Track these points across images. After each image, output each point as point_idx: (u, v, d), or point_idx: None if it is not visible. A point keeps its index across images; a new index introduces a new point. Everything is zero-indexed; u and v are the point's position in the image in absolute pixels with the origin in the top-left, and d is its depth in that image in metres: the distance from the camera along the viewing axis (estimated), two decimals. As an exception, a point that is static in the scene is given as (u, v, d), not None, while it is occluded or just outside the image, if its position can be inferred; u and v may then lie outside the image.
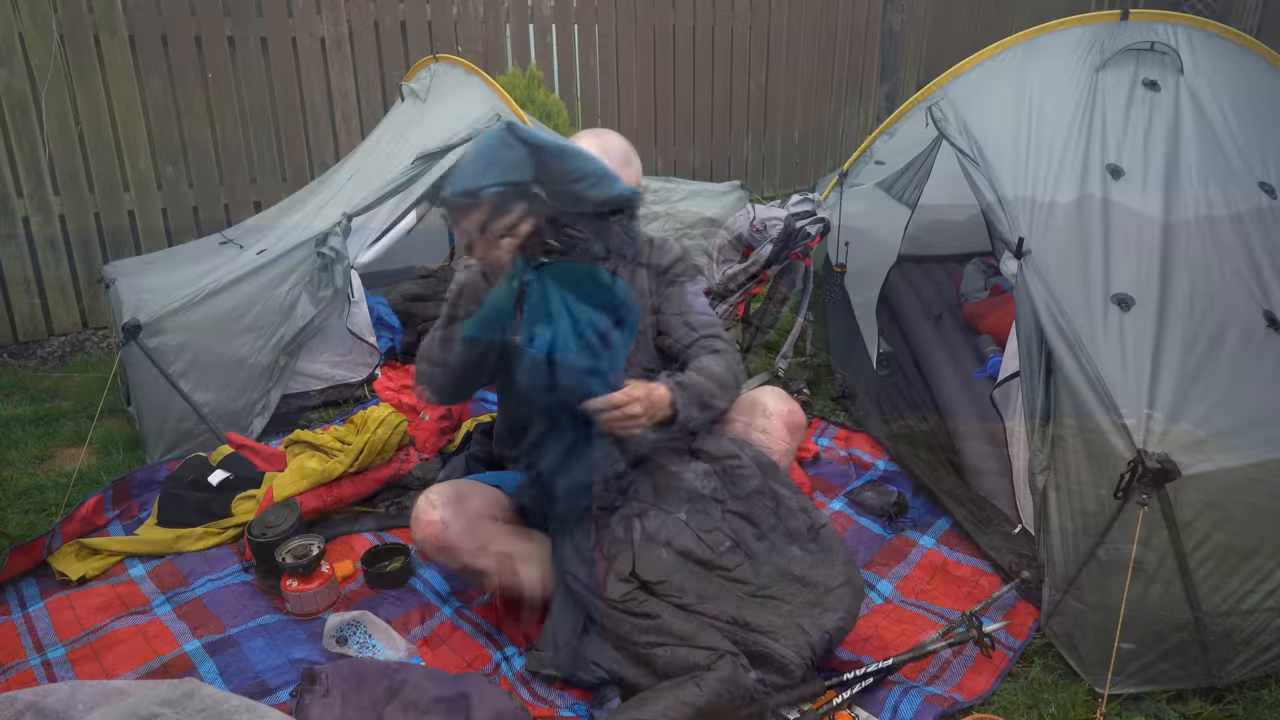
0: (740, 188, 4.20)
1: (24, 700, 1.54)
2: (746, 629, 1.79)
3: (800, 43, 6.25)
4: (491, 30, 5.06)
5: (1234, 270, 2.15)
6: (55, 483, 2.83)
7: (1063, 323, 2.06)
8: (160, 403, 2.87)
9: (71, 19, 3.93)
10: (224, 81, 4.35)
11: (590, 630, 1.91)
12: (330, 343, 3.27)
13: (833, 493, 2.72)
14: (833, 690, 1.84)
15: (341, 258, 3.11)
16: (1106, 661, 1.82)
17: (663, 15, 5.61)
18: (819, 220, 3.24)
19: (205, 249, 3.57)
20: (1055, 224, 2.28)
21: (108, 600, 2.22)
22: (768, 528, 1.94)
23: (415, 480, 2.63)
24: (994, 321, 3.35)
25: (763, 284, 3.28)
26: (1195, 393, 1.89)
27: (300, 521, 2.31)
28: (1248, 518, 1.78)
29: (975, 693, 1.89)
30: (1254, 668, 1.86)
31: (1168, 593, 1.79)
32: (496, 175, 1.64)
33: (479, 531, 1.94)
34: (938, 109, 2.79)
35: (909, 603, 2.20)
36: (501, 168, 1.64)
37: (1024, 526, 2.35)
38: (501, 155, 1.64)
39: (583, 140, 2.04)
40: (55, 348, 4.13)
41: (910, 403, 3.20)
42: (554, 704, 1.86)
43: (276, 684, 1.90)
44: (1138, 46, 2.56)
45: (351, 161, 3.68)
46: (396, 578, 2.28)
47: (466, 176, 1.66)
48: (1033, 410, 2.13)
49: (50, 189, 4.06)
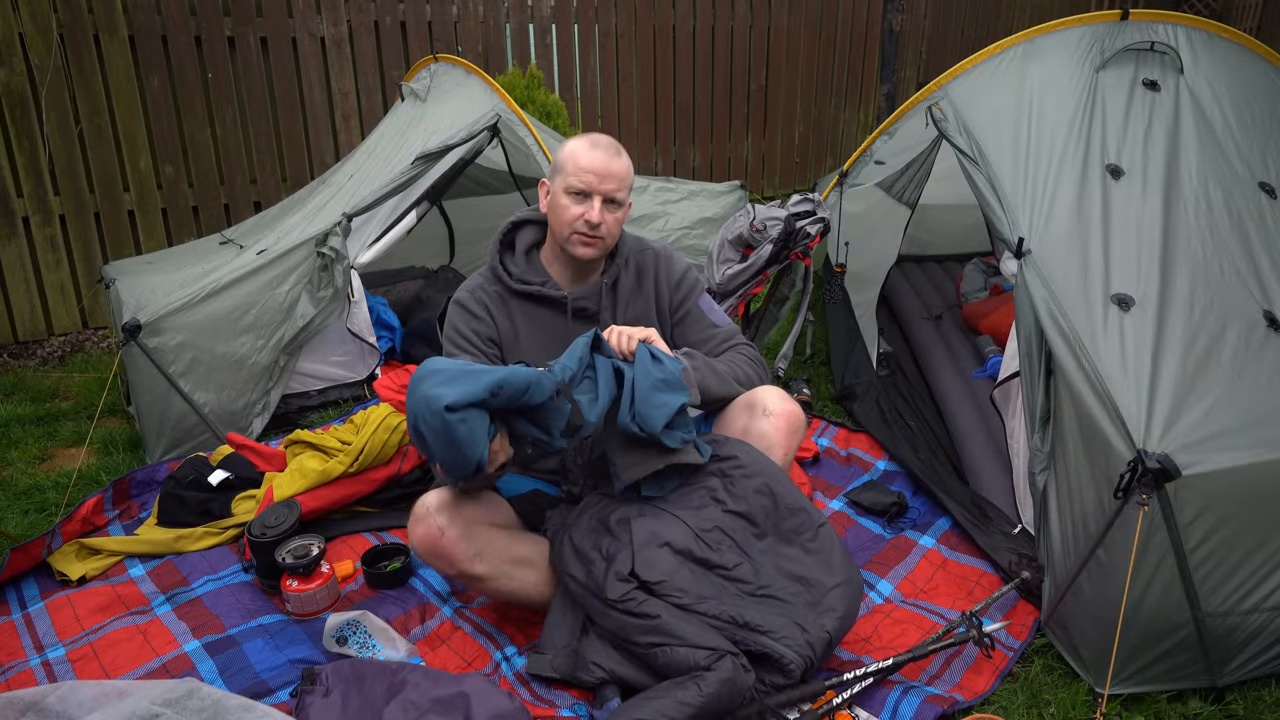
0: (740, 188, 4.20)
1: (24, 700, 1.54)
2: (746, 629, 1.79)
3: (800, 43, 6.25)
4: (491, 30, 5.06)
5: (1234, 270, 2.15)
6: (55, 483, 2.84)
7: (1063, 323, 2.06)
8: (160, 403, 2.87)
9: (71, 19, 3.93)
10: (224, 81, 4.36)
11: (590, 630, 1.91)
12: (330, 343, 3.27)
13: (833, 493, 2.72)
14: (833, 690, 1.84)
15: (341, 258, 3.11)
16: (1106, 661, 1.82)
17: (663, 15, 5.61)
18: (819, 220, 3.23)
19: (205, 249, 3.57)
20: (1055, 224, 2.28)
21: (108, 600, 2.22)
22: (767, 527, 1.94)
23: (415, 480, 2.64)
24: (994, 321, 3.35)
25: (763, 284, 3.28)
26: (1195, 393, 1.89)
27: (300, 521, 2.31)
28: (1248, 518, 1.78)
29: (975, 693, 1.89)
30: (1254, 668, 1.86)
31: (1168, 593, 1.79)
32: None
33: (476, 537, 1.94)
34: (938, 109, 2.79)
35: (909, 603, 2.20)
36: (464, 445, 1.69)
37: (1024, 526, 2.35)
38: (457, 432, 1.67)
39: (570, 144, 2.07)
40: (55, 348, 4.13)
41: (910, 403, 3.20)
42: (554, 704, 1.86)
43: (276, 684, 1.90)
44: (1138, 46, 2.56)
45: (351, 161, 3.68)
46: (396, 578, 2.28)
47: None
48: (1033, 410, 2.13)
49: (50, 189, 4.06)
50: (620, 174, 2.03)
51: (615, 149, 2.05)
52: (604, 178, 2.00)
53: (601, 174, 2.00)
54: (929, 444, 2.92)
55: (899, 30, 6.38)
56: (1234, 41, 2.67)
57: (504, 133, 3.47)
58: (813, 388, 3.39)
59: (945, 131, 2.70)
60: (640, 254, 2.20)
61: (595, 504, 2.00)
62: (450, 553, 1.91)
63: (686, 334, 2.20)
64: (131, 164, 4.22)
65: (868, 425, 3.06)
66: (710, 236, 3.78)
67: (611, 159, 2.02)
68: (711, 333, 2.21)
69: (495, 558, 1.95)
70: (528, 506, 2.14)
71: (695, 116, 5.96)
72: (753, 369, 2.17)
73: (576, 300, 2.10)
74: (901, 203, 3.65)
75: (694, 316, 2.21)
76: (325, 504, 2.48)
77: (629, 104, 5.64)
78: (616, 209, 2.05)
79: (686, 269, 2.23)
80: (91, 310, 4.28)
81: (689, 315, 2.20)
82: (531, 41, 5.25)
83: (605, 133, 2.28)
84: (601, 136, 2.08)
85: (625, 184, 2.05)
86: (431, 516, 1.93)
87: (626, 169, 2.06)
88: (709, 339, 2.20)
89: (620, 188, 2.04)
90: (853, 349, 3.46)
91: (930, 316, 3.72)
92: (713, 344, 2.19)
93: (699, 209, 3.94)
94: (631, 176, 2.08)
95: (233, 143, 4.45)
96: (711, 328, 2.21)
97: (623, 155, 2.06)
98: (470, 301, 2.12)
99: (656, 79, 5.71)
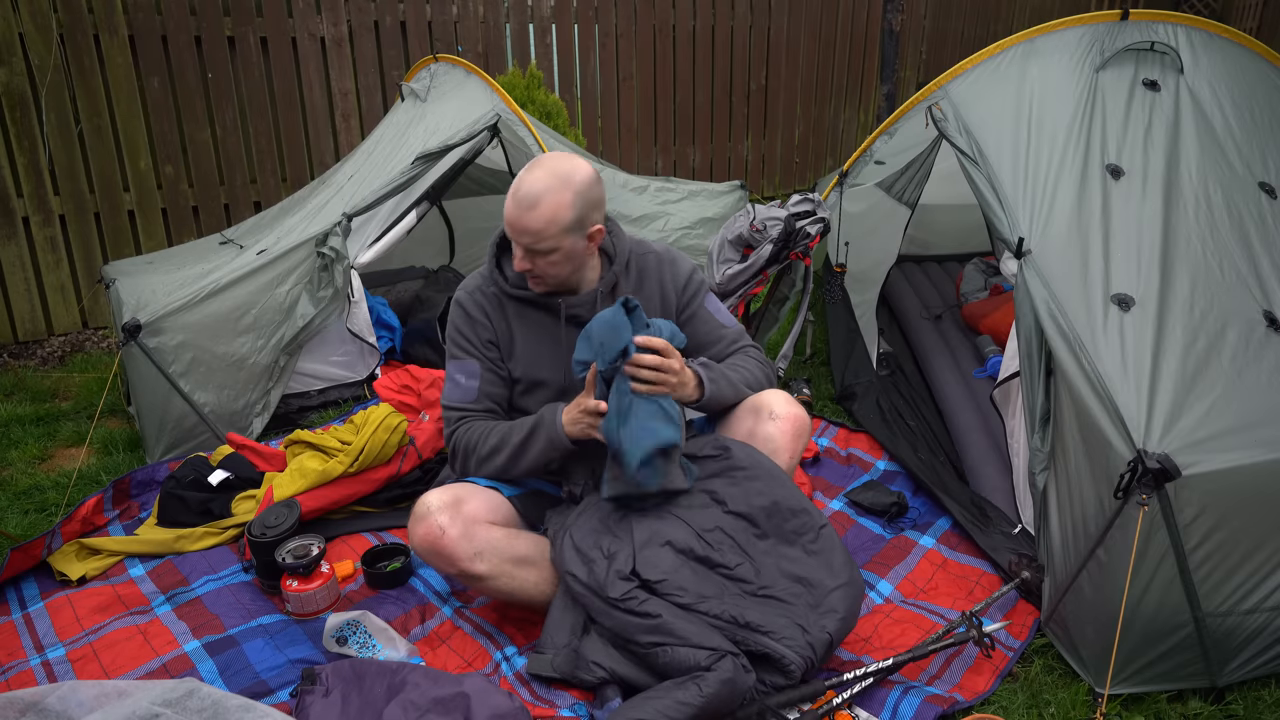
0: (740, 188, 4.20)
1: (24, 700, 1.54)
2: (747, 629, 1.79)
3: (800, 43, 6.25)
4: (491, 30, 5.06)
5: (1234, 270, 2.15)
6: (55, 483, 2.84)
7: (1063, 323, 2.06)
8: (160, 403, 2.87)
9: (71, 19, 3.93)
10: (224, 81, 4.36)
11: (591, 630, 1.91)
12: (330, 343, 3.27)
13: (833, 493, 2.72)
14: (833, 690, 1.84)
15: (341, 258, 3.11)
16: (1106, 661, 1.82)
17: (663, 15, 5.61)
18: (819, 220, 3.23)
19: (205, 249, 3.57)
20: (1055, 224, 2.28)
21: (108, 600, 2.22)
22: (769, 528, 1.94)
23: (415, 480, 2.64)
24: (994, 321, 3.35)
25: (763, 284, 3.28)
26: (1195, 393, 1.89)
27: (300, 521, 2.31)
28: (1248, 518, 1.78)
29: (975, 693, 1.89)
30: (1254, 668, 1.86)
31: (1168, 593, 1.79)
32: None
33: (476, 536, 1.93)
34: (938, 109, 2.79)
35: (909, 603, 2.21)
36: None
37: (1024, 526, 2.35)
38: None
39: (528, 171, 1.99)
40: (55, 348, 4.13)
41: (910, 403, 3.20)
42: (554, 704, 1.86)
43: (276, 684, 1.90)
44: (1138, 46, 2.56)
45: (351, 161, 3.68)
46: (396, 578, 2.28)
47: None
48: (1033, 410, 2.13)
49: (50, 189, 4.06)
50: (534, 229, 1.91)
51: (530, 202, 1.91)
52: (519, 232, 1.94)
53: (515, 228, 1.94)
54: (929, 444, 2.92)
55: (899, 30, 6.39)
56: (1234, 41, 2.67)
57: (504, 133, 3.47)
58: (813, 388, 3.39)
59: (945, 131, 2.70)
60: (642, 257, 2.18)
61: (596, 503, 2.00)
62: (451, 552, 1.91)
63: (695, 335, 2.18)
64: (131, 164, 4.22)
65: (868, 425, 3.06)
66: (710, 236, 3.77)
67: (523, 213, 1.92)
68: (720, 334, 2.19)
69: (496, 557, 1.95)
70: (528, 506, 2.14)
71: (695, 116, 5.96)
72: (762, 371, 2.16)
73: (571, 308, 2.08)
74: (901, 203, 3.65)
75: (701, 318, 2.19)
76: (325, 504, 2.48)
77: (629, 104, 5.64)
78: (548, 254, 1.96)
79: (692, 271, 2.21)
80: (91, 310, 4.28)
81: (696, 317, 2.19)
82: (531, 41, 5.25)
83: (605, 133, 2.26)
84: (527, 183, 1.93)
85: (542, 236, 1.92)
86: (432, 515, 1.93)
87: (542, 222, 1.91)
88: (717, 340, 2.19)
89: (536, 240, 1.93)
90: (853, 349, 3.46)
91: (930, 316, 3.72)
92: (721, 345, 2.18)
93: (699, 209, 3.94)
94: (554, 225, 1.92)
95: (233, 143, 4.45)
96: (720, 328, 2.20)
97: (538, 208, 1.91)
98: (469, 304, 2.12)
99: (656, 79, 5.71)
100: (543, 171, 1.95)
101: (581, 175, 1.96)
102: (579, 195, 1.95)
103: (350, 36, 4.64)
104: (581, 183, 1.95)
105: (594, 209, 1.99)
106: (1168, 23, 2.62)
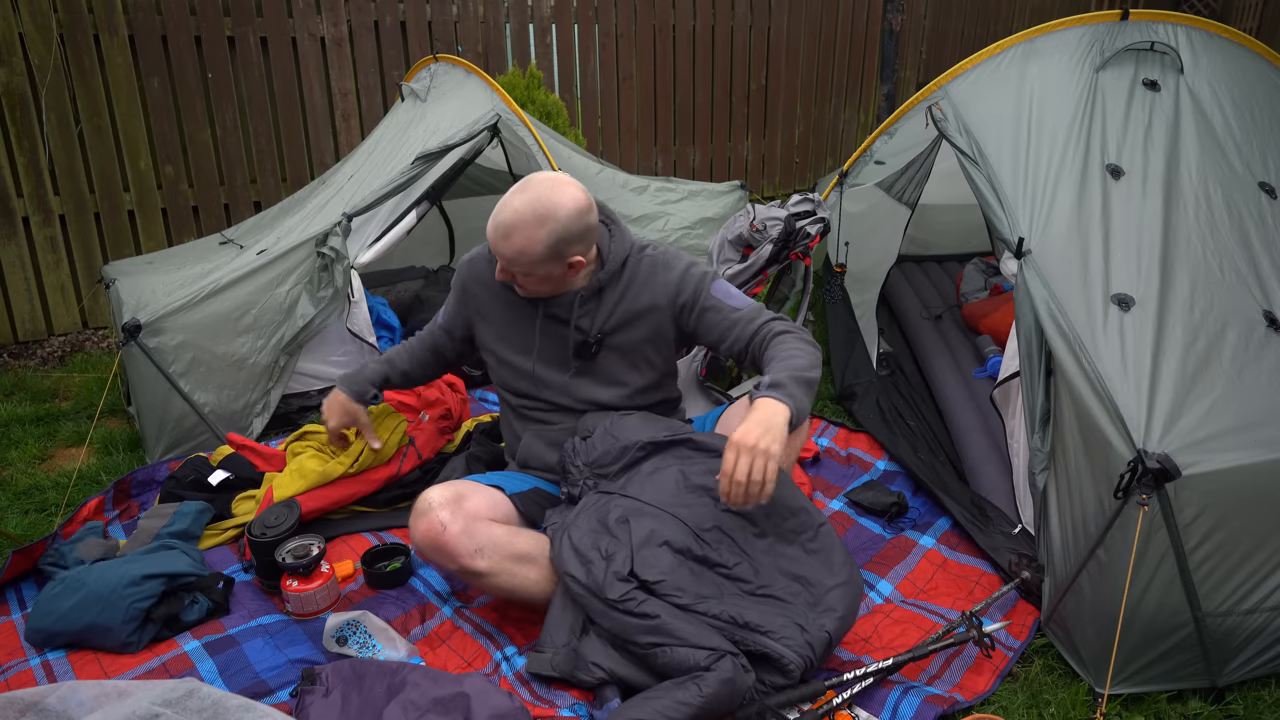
0: (740, 188, 4.19)
1: (24, 700, 1.54)
2: (746, 628, 1.79)
3: (800, 43, 6.25)
4: (491, 30, 5.06)
5: (1234, 270, 2.15)
6: (55, 483, 2.84)
7: (1063, 323, 2.06)
8: (160, 403, 2.87)
9: (71, 19, 3.93)
10: (224, 81, 4.35)
11: (590, 630, 1.91)
12: (330, 343, 3.27)
13: (833, 493, 2.72)
14: (833, 690, 1.84)
15: (341, 258, 3.11)
16: (1106, 661, 1.82)
17: (663, 15, 5.61)
18: (819, 220, 3.23)
19: (205, 249, 3.57)
20: (1055, 224, 2.28)
21: (108, 600, 2.22)
22: (767, 527, 1.94)
23: (415, 480, 2.63)
24: (994, 321, 3.35)
25: (763, 284, 3.28)
26: (1195, 393, 1.89)
27: (300, 521, 2.31)
28: (1248, 518, 1.78)
29: (975, 693, 1.89)
30: (1254, 668, 1.87)
31: (1168, 593, 1.79)
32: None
33: (477, 533, 1.94)
34: (937, 109, 2.79)
35: (909, 603, 2.21)
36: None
37: (1024, 526, 2.35)
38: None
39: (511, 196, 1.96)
40: (55, 348, 4.13)
41: (910, 403, 3.20)
42: (554, 704, 1.86)
43: (276, 684, 1.90)
44: (1138, 46, 2.56)
45: (351, 161, 3.68)
46: (396, 578, 2.28)
47: None
48: (1033, 410, 2.13)
49: (50, 189, 4.06)
50: (507, 255, 1.94)
51: (504, 232, 1.92)
52: (495, 251, 1.98)
53: (492, 247, 1.99)
54: (929, 444, 2.92)
55: (899, 30, 6.39)
56: (1234, 41, 2.67)
57: (504, 133, 3.47)
58: (813, 388, 3.39)
59: (945, 131, 2.70)
60: (637, 260, 2.13)
61: (594, 504, 2.00)
62: (452, 548, 1.91)
63: (711, 329, 2.09)
64: (131, 164, 4.22)
65: (868, 425, 3.06)
66: (710, 236, 3.77)
67: (498, 239, 1.94)
68: (735, 317, 2.08)
69: (496, 553, 1.95)
70: (528, 505, 2.14)
71: (695, 116, 5.96)
72: (805, 346, 1.98)
73: (549, 306, 2.10)
74: (901, 203, 3.65)
75: (713, 308, 2.09)
76: (325, 504, 2.48)
77: (629, 104, 5.64)
78: (525, 274, 1.99)
79: (686, 269, 2.12)
80: (91, 310, 4.28)
81: (707, 309, 2.09)
82: (531, 41, 5.25)
83: (605, 133, 2.26)
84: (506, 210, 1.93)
85: (515, 263, 1.95)
86: (434, 511, 1.93)
87: (513, 252, 1.93)
88: (734, 323, 2.07)
89: (510, 264, 1.97)
90: (853, 349, 3.46)
91: (930, 316, 3.72)
92: (739, 327, 2.06)
93: (699, 209, 3.93)
94: (525, 256, 1.93)
95: (233, 143, 4.45)
96: (734, 312, 2.08)
97: (510, 239, 1.92)
98: (468, 276, 2.23)
99: (656, 79, 5.71)
100: (523, 201, 1.93)
101: (565, 210, 1.92)
102: (554, 233, 1.92)
103: (350, 36, 4.64)
104: (563, 218, 1.92)
105: (574, 242, 1.97)
106: (1168, 23, 2.62)
